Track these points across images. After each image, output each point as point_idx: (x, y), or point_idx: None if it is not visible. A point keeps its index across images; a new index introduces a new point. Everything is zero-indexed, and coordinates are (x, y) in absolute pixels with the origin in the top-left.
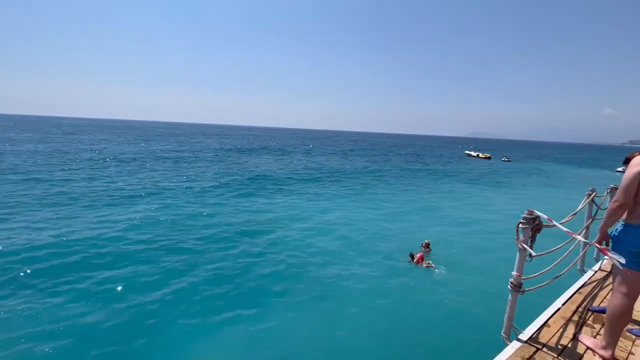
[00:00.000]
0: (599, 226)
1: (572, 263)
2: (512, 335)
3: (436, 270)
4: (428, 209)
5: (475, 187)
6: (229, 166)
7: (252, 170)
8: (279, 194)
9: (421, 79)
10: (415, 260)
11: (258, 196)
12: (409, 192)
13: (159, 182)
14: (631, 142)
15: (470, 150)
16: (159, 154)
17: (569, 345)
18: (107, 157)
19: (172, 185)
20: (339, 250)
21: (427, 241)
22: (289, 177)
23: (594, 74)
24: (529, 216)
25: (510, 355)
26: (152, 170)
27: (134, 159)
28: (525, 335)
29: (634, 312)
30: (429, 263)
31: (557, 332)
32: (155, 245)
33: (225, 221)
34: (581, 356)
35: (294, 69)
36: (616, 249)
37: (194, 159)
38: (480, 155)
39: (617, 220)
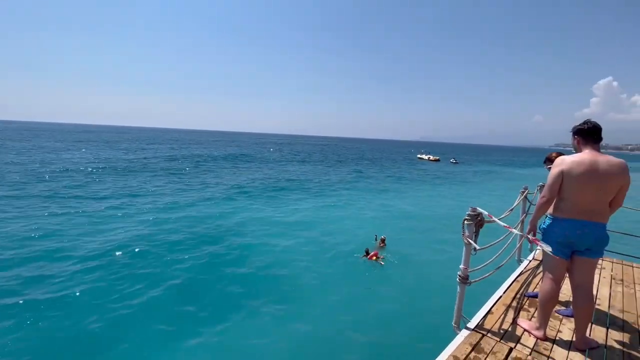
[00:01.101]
0: (529, 219)
1: (511, 254)
2: (462, 324)
3: (391, 262)
4: (383, 208)
5: (426, 187)
6: (172, 173)
7: (200, 178)
8: (231, 201)
9: (378, 84)
10: (369, 255)
11: (208, 205)
12: (365, 193)
13: (124, 189)
14: (556, 144)
15: (422, 154)
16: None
17: (510, 329)
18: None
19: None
20: (298, 252)
21: (382, 237)
22: (248, 184)
23: (526, 83)
24: (472, 213)
25: (460, 343)
26: (112, 179)
27: (84, 169)
28: (472, 323)
29: (560, 294)
30: (383, 256)
31: (499, 318)
32: (109, 257)
33: (179, 231)
34: (519, 338)
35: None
36: (545, 240)
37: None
38: (431, 158)
39: (544, 213)
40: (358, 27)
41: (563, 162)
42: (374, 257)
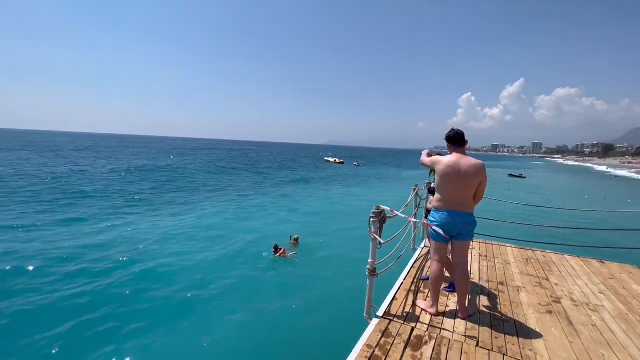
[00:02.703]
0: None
1: (407, 244)
2: (372, 313)
3: (304, 260)
4: (293, 209)
5: (334, 188)
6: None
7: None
8: (126, 215)
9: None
10: (279, 253)
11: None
12: (275, 196)
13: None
14: (435, 147)
15: (329, 157)
16: None
17: (411, 311)
18: None
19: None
20: (206, 261)
21: (296, 236)
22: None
23: (411, 93)
24: (377, 211)
25: (372, 332)
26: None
27: None
28: (381, 311)
29: (445, 274)
30: (294, 253)
31: (402, 302)
32: None
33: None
34: (419, 317)
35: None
36: (430, 228)
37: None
38: (337, 160)
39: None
40: (263, 31)
41: (439, 161)
42: (283, 254)
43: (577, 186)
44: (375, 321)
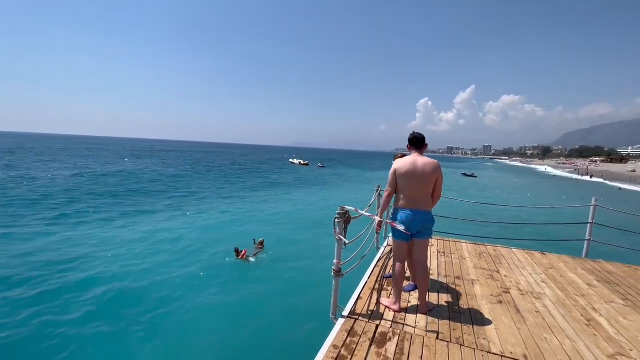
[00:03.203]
0: (379, 210)
1: (371, 243)
2: (338, 313)
3: (270, 263)
4: (258, 212)
5: (299, 190)
6: None
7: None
8: (75, 224)
9: (253, 90)
10: (240, 255)
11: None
12: (239, 198)
13: None
14: (396, 149)
15: (294, 159)
16: None
17: (375, 309)
18: None
19: None
20: (167, 270)
21: (261, 239)
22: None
23: (374, 96)
24: (341, 211)
25: (338, 332)
26: None
27: None
28: (346, 311)
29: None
30: (256, 253)
31: (366, 301)
32: None
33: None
34: (382, 315)
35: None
36: (391, 227)
37: None
38: (302, 162)
39: (388, 203)
40: (223, 26)
41: (396, 163)
42: (244, 256)
43: (521, 185)
44: (341, 321)
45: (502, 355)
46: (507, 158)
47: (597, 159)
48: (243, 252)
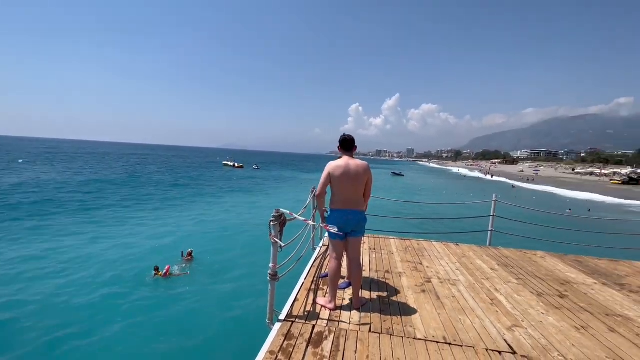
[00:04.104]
0: (314, 211)
1: (307, 244)
2: (275, 318)
3: (188, 275)
4: (187, 221)
5: (233, 193)
6: None
7: None
8: None
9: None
10: (163, 272)
11: None
12: (166, 205)
13: None
14: (330, 152)
15: (227, 161)
16: None
17: (312, 310)
18: None
19: None
20: (81, 292)
21: (189, 250)
22: None
23: (309, 100)
24: (276, 214)
25: (275, 337)
26: None
27: None
28: (283, 314)
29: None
30: (183, 265)
31: (303, 302)
32: None
33: None
34: (319, 314)
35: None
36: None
37: None
38: (236, 165)
39: (322, 205)
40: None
41: (329, 166)
42: (168, 273)
43: (439, 184)
44: (277, 325)
45: (426, 340)
46: (427, 160)
47: (496, 161)
48: (166, 268)
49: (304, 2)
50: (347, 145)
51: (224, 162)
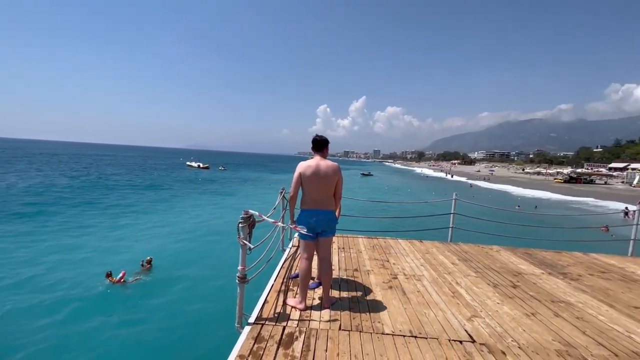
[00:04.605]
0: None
1: (277, 245)
2: (244, 322)
3: (161, 283)
4: (146, 226)
5: (197, 196)
6: None
7: None
8: None
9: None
10: (117, 279)
11: None
12: (123, 210)
13: None
14: (299, 153)
15: (191, 162)
16: None
17: (282, 311)
18: None
19: None
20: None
21: (148, 258)
22: None
23: (277, 103)
24: (245, 216)
25: (244, 340)
26: None
27: None
28: (252, 317)
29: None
30: (136, 278)
31: (273, 304)
32: None
33: None
34: (289, 315)
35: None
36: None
37: None
38: (201, 165)
39: (294, 206)
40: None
41: (300, 166)
42: (122, 280)
43: (404, 184)
44: (247, 329)
45: (393, 334)
46: (392, 161)
47: (456, 161)
48: (121, 274)
49: (271, 2)
50: (318, 145)
51: (187, 163)
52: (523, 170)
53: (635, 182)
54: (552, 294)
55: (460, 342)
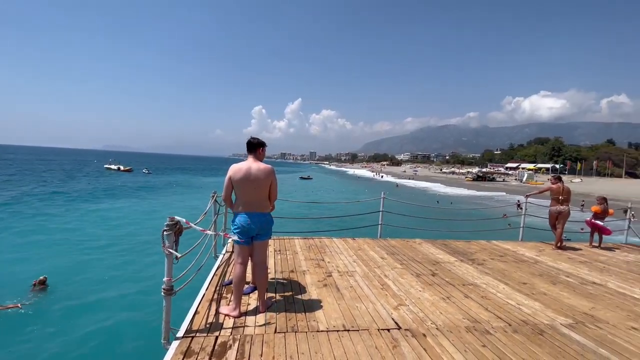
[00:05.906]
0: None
1: (209, 252)
2: (172, 336)
3: (50, 303)
4: (48, 237)
5: (119, 202)
6: None
7: None
8: None
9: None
10: None
11: None
12: (25, 218)
13: None
14: (234, 154)
15: (111, 164)
16: None
17: (214, 320)
18: None
19: None
20: None
21: (41, 277)
22: None
23: (207, 101)
24: (170, 222)
25: (171, 356)
26: None
27: None
28: (181, 331)
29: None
30: (14, 305)
31: (204, 314)
32: None
33: None
34: (222, 324)
35: None
36: (233, 232)
37: None
38: (122, 168)
39: (231, 207)
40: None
41: (231, 169)
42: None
43: (338, 184)
44: (175, 344)
45: (328, 330)
46: (328, 163)
47: (385, 163)
48: None
49: (207, 1)
50: (251, 147)
51: (106, 166)
52: (441, 170)
53: (524, 179)
54: (464, 278)
55: (388, 330)
